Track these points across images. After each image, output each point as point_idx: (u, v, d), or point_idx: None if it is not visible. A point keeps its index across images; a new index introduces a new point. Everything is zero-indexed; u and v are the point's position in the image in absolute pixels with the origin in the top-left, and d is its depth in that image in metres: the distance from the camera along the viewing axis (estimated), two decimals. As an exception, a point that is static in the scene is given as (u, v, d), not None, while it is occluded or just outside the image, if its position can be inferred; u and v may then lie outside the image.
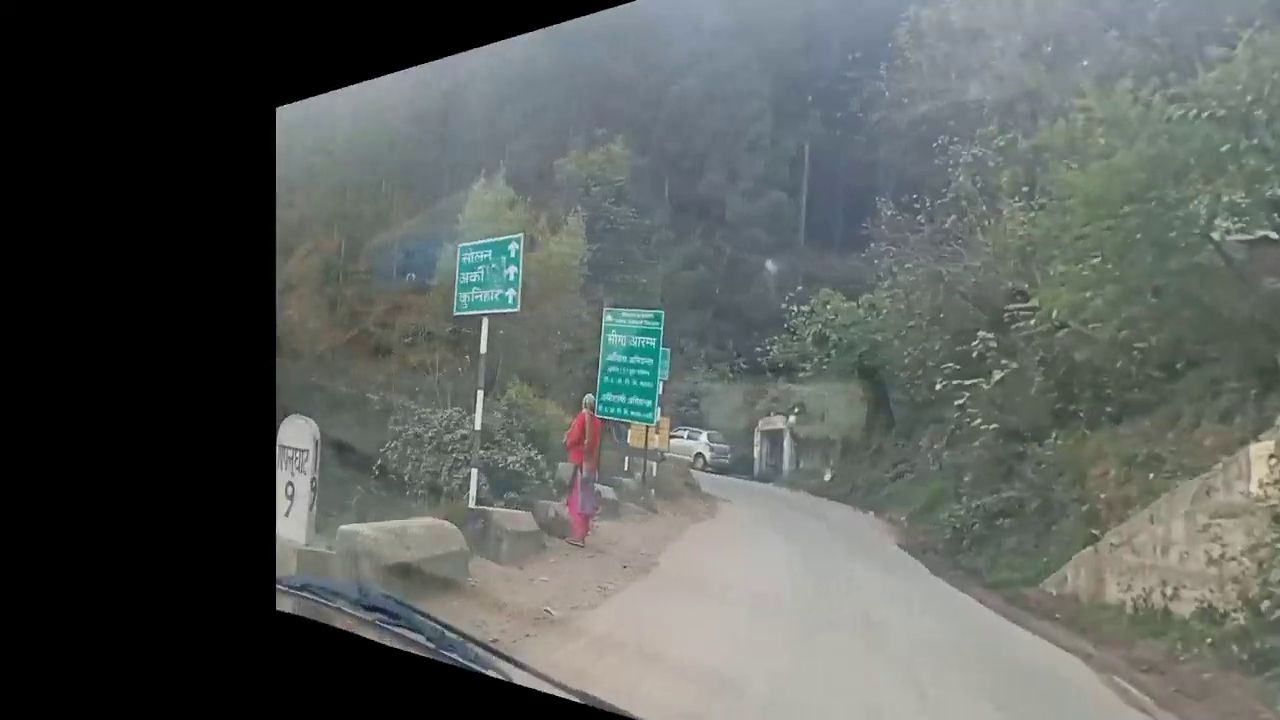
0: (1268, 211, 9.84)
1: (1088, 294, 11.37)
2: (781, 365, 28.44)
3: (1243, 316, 9.92)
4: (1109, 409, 11.80)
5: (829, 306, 25.71)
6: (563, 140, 35.98)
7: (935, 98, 25.71)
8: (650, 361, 14.95)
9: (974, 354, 15.43)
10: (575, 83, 38.69)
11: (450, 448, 11.52)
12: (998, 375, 14.37)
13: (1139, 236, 10.22)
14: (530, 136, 38.01)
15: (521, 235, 9.35)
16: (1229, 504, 7.99)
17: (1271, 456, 7.43)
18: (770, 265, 33.00)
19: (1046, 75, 20.38)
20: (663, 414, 20.13)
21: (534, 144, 37.02)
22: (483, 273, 9.82)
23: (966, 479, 14.12)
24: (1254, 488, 7.63)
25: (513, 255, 9.17)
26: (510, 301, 9.25)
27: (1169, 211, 10.01)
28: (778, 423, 28.69)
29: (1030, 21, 28.84)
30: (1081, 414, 12.24)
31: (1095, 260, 11.04)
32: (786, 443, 28.11)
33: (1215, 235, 10.05)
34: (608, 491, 14.33)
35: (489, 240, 10.01)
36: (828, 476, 24.71)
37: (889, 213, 21.37)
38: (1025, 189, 17.01)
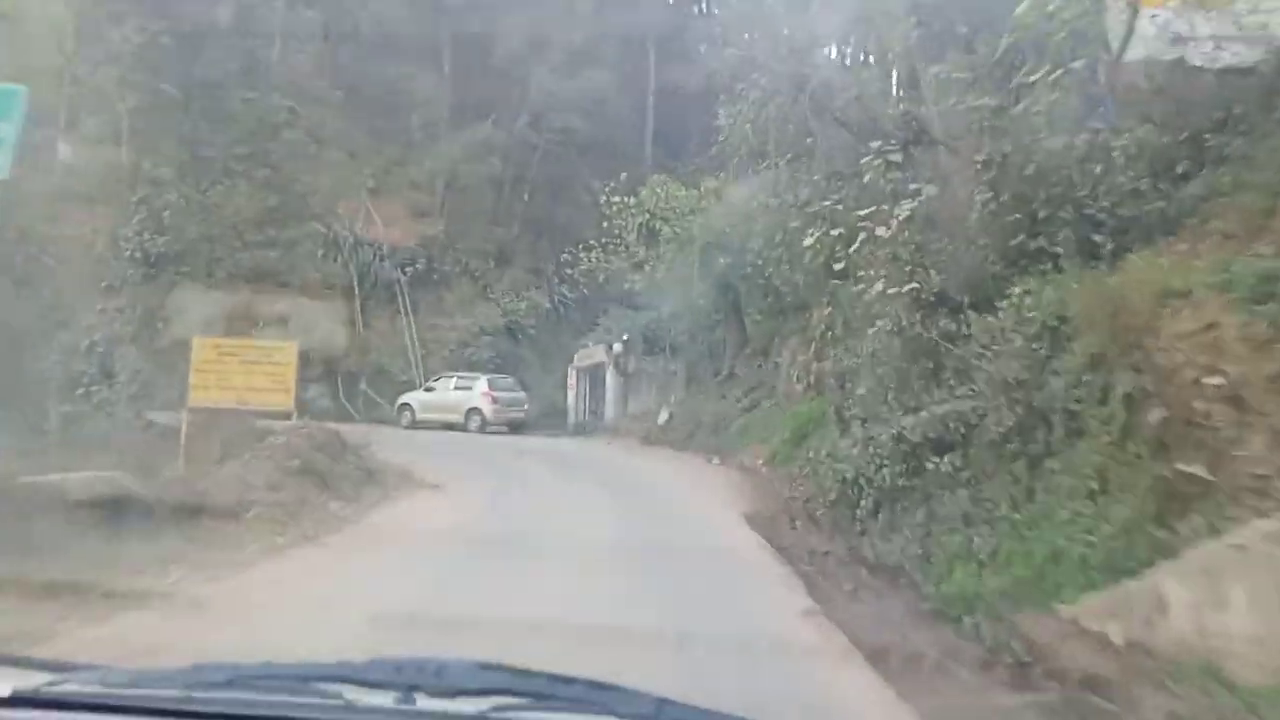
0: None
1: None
2: (603, 279, 21.97)
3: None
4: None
5: (660, 194, 19.50)
6: None
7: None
8: None
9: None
10: None
11: None
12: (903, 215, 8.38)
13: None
14: None
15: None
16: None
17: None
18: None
19: None
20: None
21: None
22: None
23: (860, 391, 8.01)
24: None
25: None
26: None
27: None
28: (597, 354, 21.07)
29: None
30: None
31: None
32: (610, 380, 21.19)
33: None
34: None
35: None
36: (664, 417, 18.15)
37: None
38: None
